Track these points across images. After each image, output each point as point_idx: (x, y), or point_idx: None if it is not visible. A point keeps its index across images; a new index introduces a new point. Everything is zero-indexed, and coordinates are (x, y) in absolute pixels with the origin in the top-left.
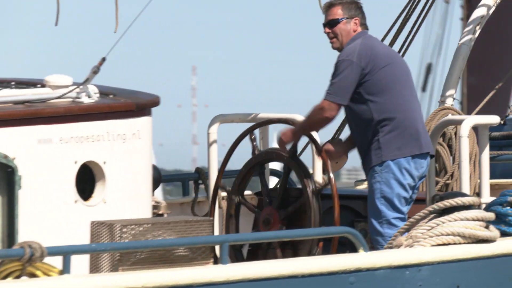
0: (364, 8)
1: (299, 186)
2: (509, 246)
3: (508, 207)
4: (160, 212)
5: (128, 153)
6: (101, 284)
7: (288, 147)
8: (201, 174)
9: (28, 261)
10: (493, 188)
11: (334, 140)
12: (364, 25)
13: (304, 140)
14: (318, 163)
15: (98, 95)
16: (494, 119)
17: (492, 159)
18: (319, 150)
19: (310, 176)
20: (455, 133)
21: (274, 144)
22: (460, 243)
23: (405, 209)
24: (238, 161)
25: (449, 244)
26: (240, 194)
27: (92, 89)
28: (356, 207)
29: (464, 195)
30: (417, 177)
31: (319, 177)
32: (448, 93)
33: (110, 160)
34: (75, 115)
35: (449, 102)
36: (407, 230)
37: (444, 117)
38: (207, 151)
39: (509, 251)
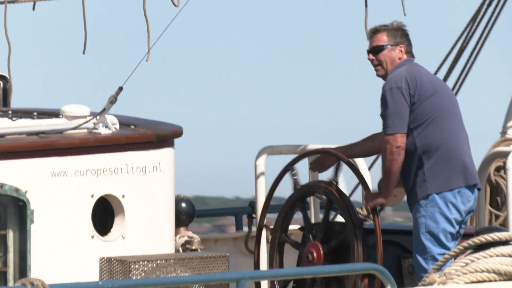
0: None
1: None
2: None
3: None
4: (193, 247)
5: (148, 186)
6: None
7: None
8: (254, 208)
9: None
10: None
11: None
12: (409, 53)
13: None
14: None
15: (117, 125)
16: None
17: None
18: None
19: (353, 210)
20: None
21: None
22: (495, 280)
23: (452, 244)
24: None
25: (484, 281)
26: (284, 231)
27: (111, 119)
28: (404, 242)
29: (501, 230)
30: (464, 211)
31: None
32: (509, 124)
33: (129, 193)
34: (92, 146)
35: (511, 133)
36: (442, 266)
37: (493, 149)
38: (254, 184)
39: None
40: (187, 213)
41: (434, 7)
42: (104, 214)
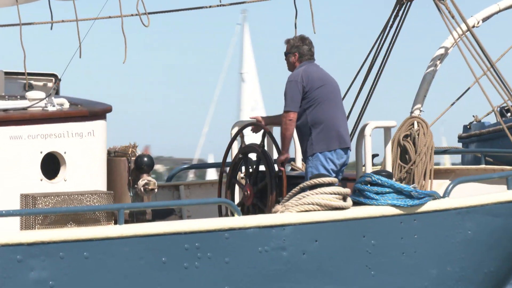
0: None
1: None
2: (357, 213)
3: (366, 185)
4: (150, 187)
5: (84, 146)
6: (16, 238)
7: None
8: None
9: None
10: (446, 172)
11: None
12: (307, 56)
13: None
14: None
15: (67, 105)
16: (391, 123)
17: (446, 152)
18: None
19: (272, 164)
20: (418, 133)
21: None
22: (318, 210)
23: None
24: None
25: (309, 211)
26: (233, 176)
27: (61, 101)
28: None
29: (326, 176)
30: (339, 165)
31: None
32: (415, 107)
33: (69, 150)
34: (40, 119)
35: (416, 113)
36: (287, 200)
37: (366, 122)
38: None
39: (356, 216)
40: (147, 164)
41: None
42: (53, 165)
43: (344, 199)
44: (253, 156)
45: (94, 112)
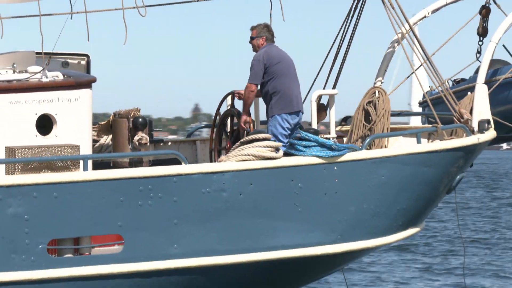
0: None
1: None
2: (286, 161)
3: (297, 140)
4: (143, 142)
5: (72, 109)
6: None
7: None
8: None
9: None
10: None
11: None
12: (270, 40)
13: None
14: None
15: (60, 77)
16: (333, 91)
17: (399, 114)
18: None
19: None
20: (378, 100)
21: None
22: (252, 160)
23: (285, 141)
24: None
25: (245, 160)
26: (220, 132)
27: (55, 74)
28: None
29: (262, 132)
30: (293, 124)
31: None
32: (377, 79)
33: (60, 112)
34: (35, 87)
35: (378, 84)
36: (231, 152)
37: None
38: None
39: (286, 164)
40: (141, 124)
41: None
42: (48, 124)
43: (277, 151)
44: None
45: (80, 82)
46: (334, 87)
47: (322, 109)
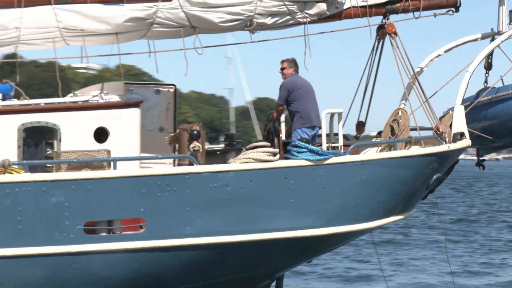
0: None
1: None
2: (281, 163)
3: (292, 147)
4: (196, 149)
5: (122, 123)
6: (43, 177)
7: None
8: None
9: (5, 167)
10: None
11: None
12: (296, 71)
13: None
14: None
15: (117, 99)
16: (339, 110)
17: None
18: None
19: (279, 136)
20: (400, 118)
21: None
22: (252, 162)
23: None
24: None
25: (247, 162)
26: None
27: (110, 97)
28: None
29: (261, 141)
30: (311, 135)
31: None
32: (401, 102)
33: (112, 125)
34: (94, 107)
35: (401, 106)
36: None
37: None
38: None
39: (281, 165)
40: (195, 135)
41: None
42: (103, 133)
43: (274, 155)
44: None
45: (128, 103)
46: (368, 110)
47: (361, 125)
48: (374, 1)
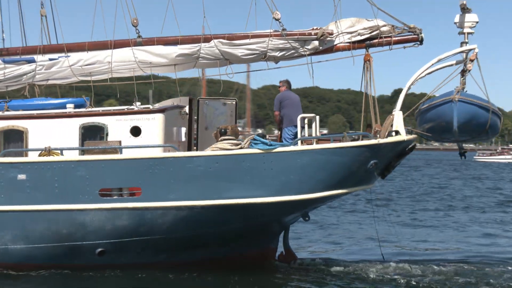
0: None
1: None
2: (238, 151)
3: (252, 140)
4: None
5: (149, 125)
6: (75, 158)
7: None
8: None
9: (48, 151)
10: None
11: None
12: (288, 88)
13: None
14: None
15: (150, 107)
16: (312, 115)
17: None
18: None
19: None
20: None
21: None
22: (219, 150)
23: (290, 141)
24: None
25: (215, 150)
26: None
27: (143, 106)
28: None
29: (229, 135)
30: (293, 133)
31: None
32: (394, 110)
33: (142, 126)
34: (127, 113)
35: (393, 112)
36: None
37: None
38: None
39: (237, 153)
40: (222, 132)
41: None
42: (137, 130)
43: (237, 145)
44: None
45: (154, 110)
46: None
47: (369, 127)
48: (356, 38)
